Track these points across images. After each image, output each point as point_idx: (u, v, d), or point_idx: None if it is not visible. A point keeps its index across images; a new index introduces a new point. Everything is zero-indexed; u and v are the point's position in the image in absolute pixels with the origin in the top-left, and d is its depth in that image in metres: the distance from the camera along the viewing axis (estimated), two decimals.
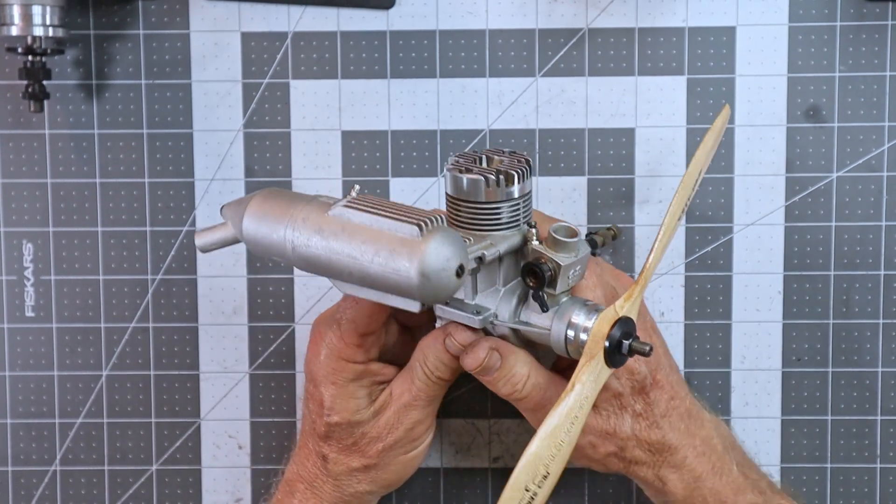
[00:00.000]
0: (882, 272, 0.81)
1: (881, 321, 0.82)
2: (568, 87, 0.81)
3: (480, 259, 0.64)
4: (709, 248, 0.82)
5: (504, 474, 0.83)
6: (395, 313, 0.73)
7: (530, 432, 0.83)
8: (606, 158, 0.81)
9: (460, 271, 0.59)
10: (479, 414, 0.83)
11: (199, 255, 0.83)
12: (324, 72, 0.82)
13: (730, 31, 0.81)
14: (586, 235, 0.69)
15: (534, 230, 0.65)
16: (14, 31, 0.75)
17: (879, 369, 0.82)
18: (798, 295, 0.82)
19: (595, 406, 0.66)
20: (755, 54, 0.81)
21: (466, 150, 0.67)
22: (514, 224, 0.66)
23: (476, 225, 0.65)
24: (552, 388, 0.68)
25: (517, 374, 0.68)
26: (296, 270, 0.82)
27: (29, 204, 0.83)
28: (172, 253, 0.83)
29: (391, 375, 0.73)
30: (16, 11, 0.75)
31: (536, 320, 0.67)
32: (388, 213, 0.59)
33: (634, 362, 0.68)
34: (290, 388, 0.83)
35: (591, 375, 0.63)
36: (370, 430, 0.72)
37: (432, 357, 0.70)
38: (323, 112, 0.82)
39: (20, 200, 0.83)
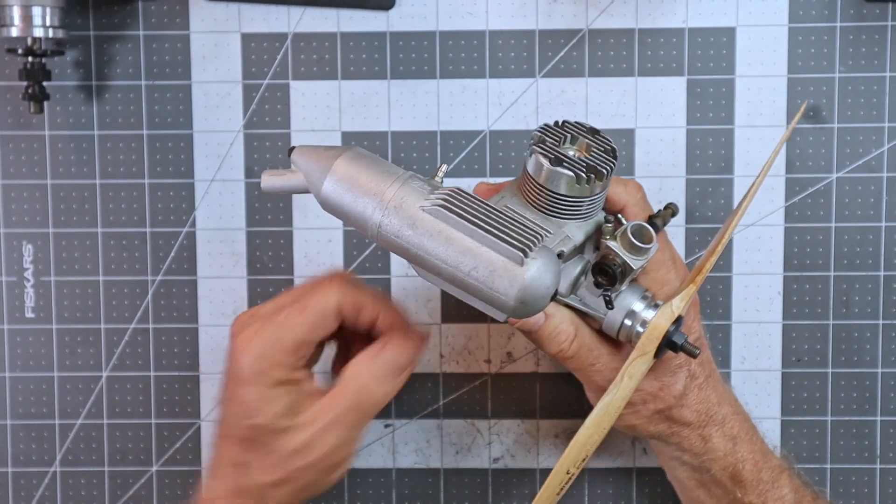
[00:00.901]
0: (882, 272, 0.81)
1: (881, 322, 0.82)
2: (568, 87, 0.81)
3: (560, 255, 0.63)
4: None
5: (504, 475, 0.83)
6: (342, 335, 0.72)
7: (531, 433, 0.83)
8: None
9: (555, 295, 0.59)
10: (479, 414, 0.83)
11: (199, 255, 0.83)
12: (324, 73, 0.82)
13: (730, 32, 0.81)
14: (648, 222, 0.67)
15: (609, 225, 0.64)
16: (14, 32, 0.75)
17: (879, 370, 0.82)
18: (798, 295, 0.82)
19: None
20: (755, 55, 0.81)
21: (548, 125, 0.65)
22: (592, 215, 0.65)
23: (552, 212, 0.64)
24: (599, 347, 0.68)
25: (562, 333, 0.67)
26: (295, 272, 0.83)
27: (29, 205, 0.83)
28: (172, 254, 0.83)
29: (317, 392, 0.69)
30: (16, 12, 0.75)
31: (592, 301, 0.67)
32: (489, 227, 0.59)
33: (692, 323, 0.69)
34: None
35: (640, 369, 0.64)
36: (289, 443, 0.68)
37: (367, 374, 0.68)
38: (323, 113, 0.82)
39: (20, 201, 0.83)
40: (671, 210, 0.69)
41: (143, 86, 0.82)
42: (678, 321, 0.65)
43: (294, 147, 0.65)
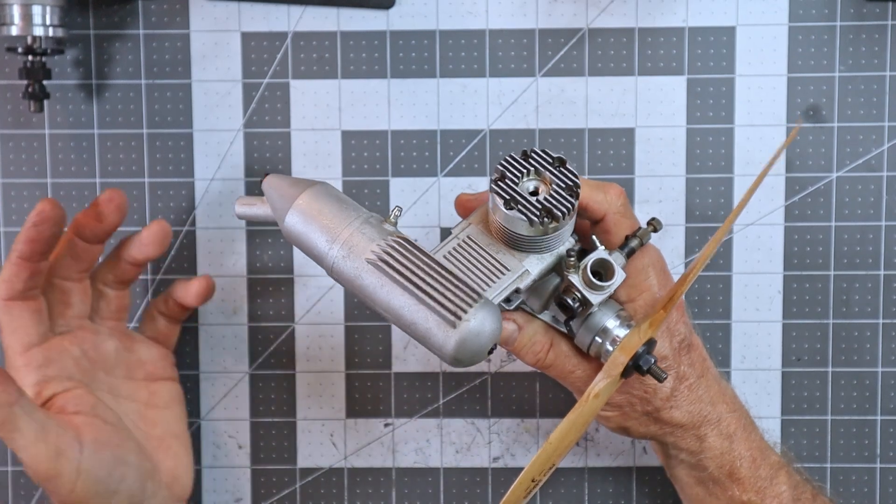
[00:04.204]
0: (882, 272, 0.81)
1: (881, 321, 0.82)
2: (568, 87, 0.81)
3: (517, 291, 0.64)
4: None
5: (504, 474, 0.83)
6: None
7: (530, 432, 0.83)
8: (606, 158, 0.81)
9: (492, 349, 0.61)
10: (479, 414, 0.83)
11: (199, 255, 0.83)
12: (324, 72, 0.82)
13: (730, 31, 0.81)
14: (624, 243, 0.67)
15: (571, 259, 0.64)
16: (14, 30, 0.75)
17: (879, 369, 0.82)
18: (798, 295, 0.82)
19: None
20: (755, 54, 0.81)
21: (514, 156, 0.63)
22: (556, 247, 0.65)
23: (513, 246, 0.64)
24: (578, 355, 0.69)
25: (538, 343, 0.68)
26: (296, 270, 0.83)
27: (29, 204, 0.83)
28: (172, 253, 0.83)
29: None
30: (16, 11, 0.75)
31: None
32: (426, 286, 0.60)
33: (676, 324, 0.69)
34: (290, 387, 0.83)
35: (606, 391, 0.64)
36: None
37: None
38: (323, 112, 0.82)
39: (20, 200, 0.83)
40: (653, 227, 0.68)
41: (143, 85, 0.82)
42: (649, 343, 0.65)
43: (267, 175, 0.66)
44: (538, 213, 0.62)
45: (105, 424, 0.71)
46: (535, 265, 0.64)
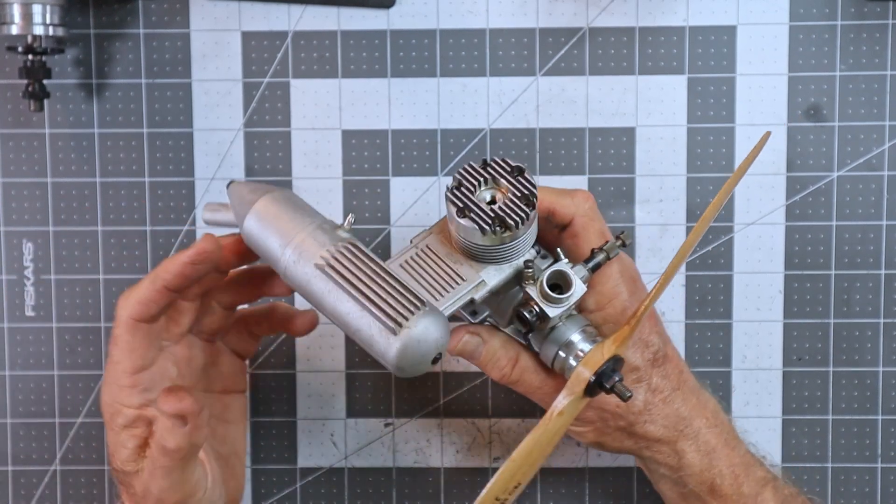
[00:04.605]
0: (882, 272, 0.81)
1: (881, 321, 0.82)
2: (568, 86, 0.81)
3: (471, 301, 0.63)
4: (709, 248, 0.82)
5: None
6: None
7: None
8: (607, 158, 0.81)
9: (437, 358, 0.60)
10: (479, 414, 0.83)
11: None
12: (324, 71, 0.82)
13: (730, 31, 0.81)
14: (589, 257, 0.66)
15: (529, 271, 0.63)
16: (14, 30, 0.75)
17: (880, 369, 0.82)
18: (799, 294, 0.82)
19: None
20: (755, 54, 0.81)
21: (472, 164, 0.62)
22: (515, 258, 0.64)
23: (470, 256, 0.64)
24: (545, 370, 0.68)
25: (502, 358, 0.67)
26: None
27: (29, 203, 0.83)
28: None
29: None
30: (16, 10, 0.75)
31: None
32: (370, 292, 0.60)
33: (648, 335, 0.68)
34: (290, 388, 0.83)
35: (571, 409, 0.63)
36: (138, 486, 0.68)
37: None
38: (323, 111, 0.82)
39: (20, 200, 0.83)
40: (621, 241, 0.67)
41: (143, 84, 0.82)
42: (615, 360, 0.63)
43: (231, 182, 0.67)
44: (490, 222, 0.61)
45: (206, 454, 0.70)
46: (492, 276, 0.63)
